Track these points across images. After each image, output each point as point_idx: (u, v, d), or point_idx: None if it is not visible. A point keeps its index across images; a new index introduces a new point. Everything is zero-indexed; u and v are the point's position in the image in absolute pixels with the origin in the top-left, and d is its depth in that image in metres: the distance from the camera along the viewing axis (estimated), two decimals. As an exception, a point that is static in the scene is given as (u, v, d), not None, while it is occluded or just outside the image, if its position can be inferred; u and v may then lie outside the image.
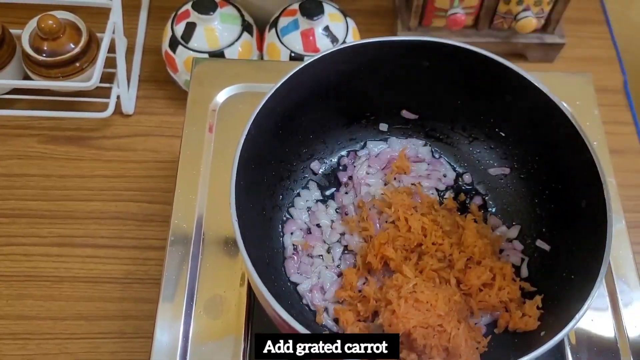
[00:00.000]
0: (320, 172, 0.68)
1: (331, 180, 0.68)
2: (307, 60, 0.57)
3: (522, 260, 0.62)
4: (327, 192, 0.67)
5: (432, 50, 0.60)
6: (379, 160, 0.68)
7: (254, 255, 0.49)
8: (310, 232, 0.64)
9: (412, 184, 0.66)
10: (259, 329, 0.61)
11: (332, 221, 0.65)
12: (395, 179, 0.67)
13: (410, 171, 0.67)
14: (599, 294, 0.62)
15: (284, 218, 0.65)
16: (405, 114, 0.68)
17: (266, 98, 0.55)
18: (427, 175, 0.68)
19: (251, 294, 0.62)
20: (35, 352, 0.75)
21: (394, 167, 0.67)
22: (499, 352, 0.55)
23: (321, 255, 0.63)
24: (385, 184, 0.67)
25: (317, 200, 0.67)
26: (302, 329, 0.45)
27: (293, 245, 0.63)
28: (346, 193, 0.67)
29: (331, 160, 0.69)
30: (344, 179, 0.67)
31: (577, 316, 0.45)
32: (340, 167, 0.69)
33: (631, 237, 0.67)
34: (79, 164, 0.89)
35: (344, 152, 0.69)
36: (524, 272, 0.61)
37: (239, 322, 0.60)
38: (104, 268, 0.81)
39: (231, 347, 0.59)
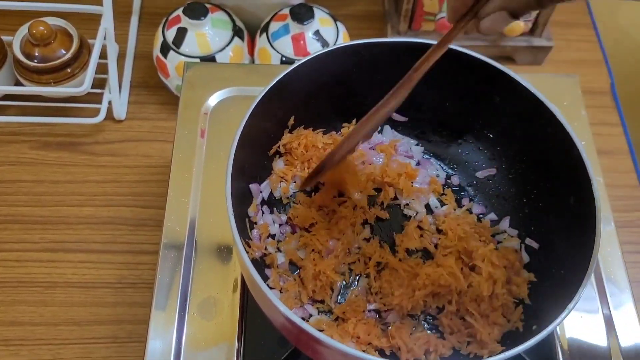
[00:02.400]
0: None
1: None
2: (300, 61, 0.58)
3: (520, 246, 0.63)
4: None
5: (421, 51, 0.60)
6: (367, 142, 0.69)
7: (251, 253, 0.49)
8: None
9: None
10: (252, 330, 0.61)
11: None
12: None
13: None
14: (589, 296, 0.64)
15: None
16: (395, 116, 0.68)
17: (261, 96, 0.56)
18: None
19: (245, 294, 0.62)
20: (29, 358, 0.75)
21: (377, 149, 0.68)
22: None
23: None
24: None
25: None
26: (307, 327, 0.46)
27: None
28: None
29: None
30: None
31: (569, 306, 0.46)
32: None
33: (620, 237, 0.68)
34: (71, 169, 0.89)
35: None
36: (525, 257, 0.61)
37: (232, 323, 0.60)
38: (97, 273, 0.81)
39: (225, 348, 0.59)
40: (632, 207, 0.88)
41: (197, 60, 0.87)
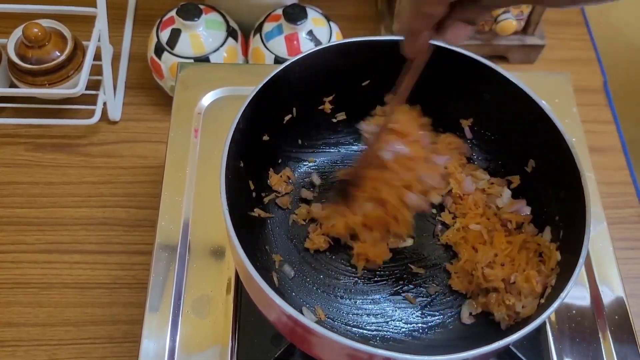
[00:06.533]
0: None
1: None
2: (293, 59, 0.59)
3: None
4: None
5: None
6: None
7: (249, 251, 0.50)
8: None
9: None
10: (246, 329, 0.61)
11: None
12: None
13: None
14: (581, 293, 0.64)
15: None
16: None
17: (255, 92, 0.57)
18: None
19: (239, 293, 0.62)
20: (24, 359, 0.75)
21: None
22: (481, 332, 0.56)
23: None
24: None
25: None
26: (302, 318, 0.46)
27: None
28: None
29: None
30: None
31: (559, 298, 0.46)
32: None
33: (612, 234, 0.68)
34: (67, 171, 0.89)
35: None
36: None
37: (226, 321, 0.61)
38: (92, 274, 0.81)
39: (219, 347, 0.60)
40: (625, 204, 0.88)
41: (191, 61, 0.88)
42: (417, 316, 0.60)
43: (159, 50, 0.89)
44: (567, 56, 1.04)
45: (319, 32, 0.89)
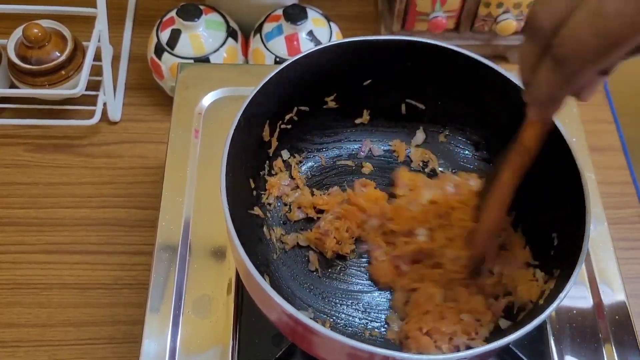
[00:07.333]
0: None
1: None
2: (293, 58, 0.59)
3: None
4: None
5: (413, 49, 0.61)
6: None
7: (250, 250, 0.50)
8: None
9: None
10: (247, 329, 0.61)
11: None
12: None
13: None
14: (582, 293, 0.64)
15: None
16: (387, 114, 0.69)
17: (255, 92, 0.57)
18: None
19: (239, 294, 0.62)
20: (25, 359, 0.75)
21: None
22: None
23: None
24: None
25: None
26: (303, 317, 0.46)
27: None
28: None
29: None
30: None
31: (557, 298, 0.46)
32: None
33: (613, 234, 0.68)
34: (67, 171, 0.89)
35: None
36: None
37: (227, 322, 0.61)
38: (93, 274, 0.81)
39: (220, 347, 0.60)
40: (625, 204, 0.88)
41: (191, 61, 0.88)
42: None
43: (159, 51, 0.89)
44: (567, 56, 1.04)
45: (319, 32, 0.89)
